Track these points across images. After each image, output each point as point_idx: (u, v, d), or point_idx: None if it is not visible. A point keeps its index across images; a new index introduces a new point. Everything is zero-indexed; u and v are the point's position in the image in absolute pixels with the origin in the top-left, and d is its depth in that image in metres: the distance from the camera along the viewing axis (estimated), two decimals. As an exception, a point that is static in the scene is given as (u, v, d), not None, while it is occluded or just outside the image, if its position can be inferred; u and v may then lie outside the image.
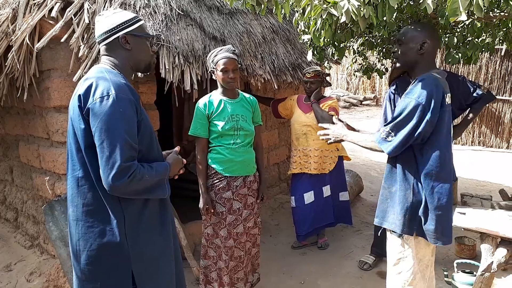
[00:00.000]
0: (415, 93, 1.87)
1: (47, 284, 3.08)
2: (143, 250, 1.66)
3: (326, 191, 3.72)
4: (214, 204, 2.66)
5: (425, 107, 1.83)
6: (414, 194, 1.93)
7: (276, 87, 3.69)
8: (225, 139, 2.62)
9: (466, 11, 1.64)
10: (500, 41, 3.06)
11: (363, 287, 3.15)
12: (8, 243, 3.81)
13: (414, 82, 1.94)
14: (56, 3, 2.70)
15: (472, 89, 3.19)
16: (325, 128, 2.21)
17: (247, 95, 2.80)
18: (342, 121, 2.26)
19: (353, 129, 2.24)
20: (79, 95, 1.56)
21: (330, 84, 3.81)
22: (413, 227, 1.94)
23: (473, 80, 8.34)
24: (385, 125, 1.94)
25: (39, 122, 3.19)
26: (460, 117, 3.61)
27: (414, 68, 2.03)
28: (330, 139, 2.17)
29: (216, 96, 2.67)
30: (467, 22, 2.48)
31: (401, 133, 1.87)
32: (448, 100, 1.92)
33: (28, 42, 2.67)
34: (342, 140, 2.15)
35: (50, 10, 2.68)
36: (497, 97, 8.27)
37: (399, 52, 2.04)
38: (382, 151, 1.95)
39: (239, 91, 2.78)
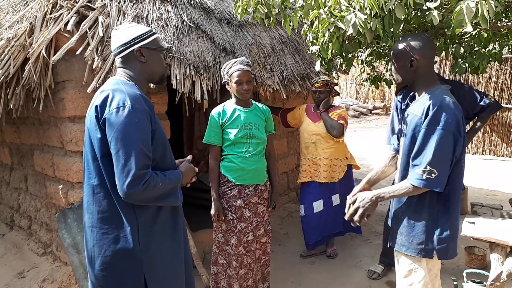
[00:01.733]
0: (440, 122, 1.76)
1: (60, 291, 3.13)
2: (156, 256, 1.70)
3: (335, 199, 3.73)
4: (225, 211, 2.70)
5: (455, 134, 1.76)
6: (432, 217, 1.88)
7: (285, 97, 3.74)
8: (238, 147, 2.67)
9: (472, 22, 1.67)
10: (509, 50, 3.06)
11: (373, 296, 3.15)
12: (22, 250, 3.88)
13: (429, 106, 1.79)
14: (71, 17, 2.80)
15: (479, 98, 3.20)
16: (352, 202, 2.04)
17: (260, 105, 2.85)
18: (367, 180, 2.14)
19: (368, 182, 2.14)
20: (96, 106, 1.61)
21: (338, 94, 3.84)
22: (433, 250, 1.88)
23: (482, 90, 8.31)
24: (415, 165, 1.82)
25: (53, 132, 3.28)
26: (468, 126, 3.61)
27: (413, 84, 1.96)
28: (365, 212, 1.97)
29: (229, 105, 2.74)
30: (473, 33, 2.51)
31: (441, 166, 1.77)
32: None
33: (45, 55, 2.76)
34: (376, 203, 1.95)
35: (66, 24, 2.77)
36: (508, 106, 8.22)
37: (393, 70, 1.99)
38: (434, 190, 1.81)
39: (252, 101, 2.83)
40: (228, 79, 2.67)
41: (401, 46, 1.90)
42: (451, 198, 1.88)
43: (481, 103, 3.17)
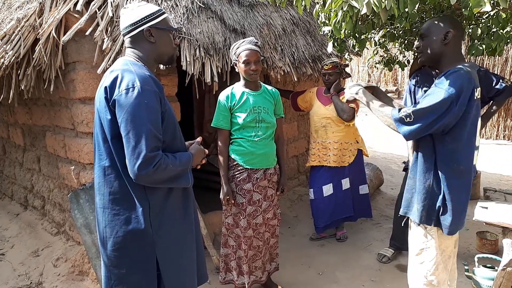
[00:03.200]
0: (446, 84, 1.81)
1: (73, 269, 3.19)
2: (167, 237, 1.71)
3: (345, 183, 3.72)
4: (234, 195, 2.70)
5: (453, 99, 1.78)
6: (433, 185, 1.92)
7: (295, 79, 3.70)
8: (247, 131, 2.65)
9: (491, 2, 1.61)
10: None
11: (381, 279, 3.15)
12: (36, 230, 3.96)
13: (446, 72, 1.87)
14: (81, -3, 2.77)
15: (495, 82, 3.13)
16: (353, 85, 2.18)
17: (269, 87, 2.81)
18: (374, 86, 2.22)
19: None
20: (105, 87, 1.60)
21: (349, 75, 3.79)
22: (432, 217, 1.94)
23: (498, 73, 8.13)
24: (409, 107, 1.88)
25: (64, 113, 3.29)
26: (483, 109, 3.54)
27: (440, 61, 1.96)
28: (353, 97, 2.13)
29: (238, 88, 2.70)
30: (491, 13, 2.42)
31: (421, 118, 1.81)
32: (477, 94, 1.87)
33: (55, 35, 2.75)
34: (358, 97, 2.11)
35: (75, 4, 2.75)
36: (524, 89, 8.03)
37: (423, 46, 1.99)
38: (397, 131, 1.91)
39: (261, 83, 2.79)
40: (236, 60, 2.63)
41: (434, 22, 1.93)
42: (448, 168, 1.89)
43: (497, 86, 3.10)
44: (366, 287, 3.06)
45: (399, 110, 1.91)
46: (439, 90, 1.82)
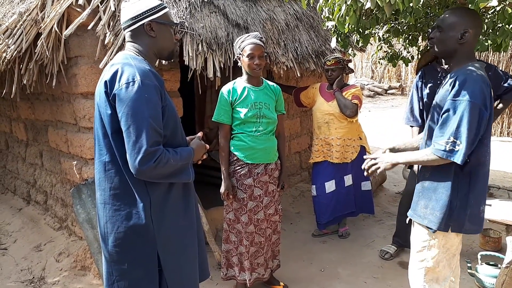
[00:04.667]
0: (466, 94, 1.73)
1: (75, 264, 3.20)
2: (168, 232, 1.71)
3: (348, 180, 3.70)
4: (235, 190, 2.69)
5: (480, 106, 1.73)
6: (455, 190, 1.86)
7: (298, 75, 3.67)
8: (248, 126, 2.63)
9: (497, -4, 1.58)
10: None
11: (384, 276, 3.14)
12: (38, 225, 3.97)
13: (456, 80, 1.79)
14: (83, -9, 2.75)
15: (503, 79, 3.09)
16: (372, 158, 2.08)
17: (271, 83, 2.79)
18: (389, 149, 2.16)
19: (394, 150, 2.15)
20: (105, 81, 1.59)
21: (352, 71, 3.76)
22: (449, 224, 1.88)
23: (504, 69, 8.06)
24: (439, 136, 1.81)
25: (67, 108, 3.29)
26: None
27: (452, 58, 1.90)
28: (379, 167, 2.01)
29: (240, 83, 2.68)
30: (497, 8, 2.39)
31: (465, 138, 1.74)
32: (492, 93, 1.83)
33: (57, 30, 2.74)
34: (395, 164, 2.01)
35: (78, -2, 2.74)
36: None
37: (437, 39, 1.92)
38: (452, 163, 1.81)
39: (263, 79, 2.78)
40: (240, 53, 2.61)
41: (454, 15, 1.85)
42: (474, 176, 1.85)
43: (505, 84, 3.07)
44: (368, 284, 3.05)
45: (437, 144, 1.82)
46: (460, 103, 1.74)
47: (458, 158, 1.77)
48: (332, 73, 3.52)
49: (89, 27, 2.73)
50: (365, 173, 2.08)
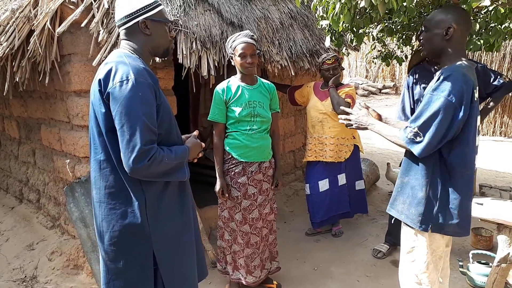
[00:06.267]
0: (444, 90, 1.74)
1: (68, 263, 3.18)
2: (164, 231, 1.70)
3: (341, 179, 3.71)
4: (229, 188, 2.69)
5: (456, 106, 1.73)
6: (433, 189, 1.87)
7: (293, 74, 3.68)
8: (242, 125, 2.63)
9: (490, -4, 1.59)
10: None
11: (377, 275, 3.16)
12: (31, 223, 3.94)
13: (441, 76, 1.80)
14: (76, -12, 2.73)
15: (493, 78, 3.12)
16: (348, 113, 2.11)
17: (265, 81, 2.79)
18: (368, 108, 2.16)
19: (380, 117, 2.15)
20: (100, 80, 1.58)
21: (343, 68, 3.78)
22: (429, 223, 1.89)
23: (496, 69, 8.13)
24: (411, 122, 1.83)
25: (60, 106, 3.26)
26: (480, 106, 3.54)
27: (441, 56, 1.91)
28: (352, 124, 2.07)
29: (234, 82, 2.68)
30: (490, 8, 2.41)
31: (430, 133, 1.76)
32: (476, 95, 1.83)
33: (50, 27, 2.71)
34: (366, 128, 2.04)
35: (71, -5, 2.72)
36: (521, 86, 8.04)
37: (424, 39, 1.94)
38: (431, 159, 1.84)
39: (257, 77, 2.77)
40: (232, 53, 2.61)
41: (439, 13, 1.87)
42: (454, 176, 1.85)
43: (495, 82, 3.09)
44: (361, 282, 3.07)
45: (405, 129, 1.86)
46: (436, 98, 1.76)
47: (416, 150, 1.82)
48: (333, 72, 3.53)
49: (83, 25, 2.71)
50: (340, 121, 2.15)
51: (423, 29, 1.96)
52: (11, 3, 3.20)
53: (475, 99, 1.81)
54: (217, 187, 2.67)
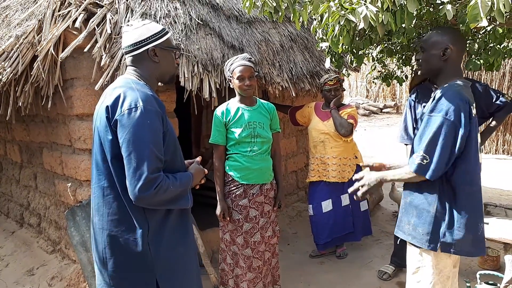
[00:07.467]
0: (441, 110, 1.75)
1: (68, 288, 3.13)
2: (166, 259, 1.68)
3: (345, 199, 3.68)
4: (230, 211, 2.66)
5: (455, 123, 1.73)
6: (439, 208, 1.85)
7: (294, 95, 3.70)
8: (242, 147, 2.63)
9: (487, 17, 1.61)
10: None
11: (383, 297, 3.09)
12: (31, 248, 3.90)
13: (435, 95, 1.81)
14: (80, 14, 2.79)
15: (495, 97, 3.12)
16: (359, 179, 2.08)
17: (265, 102, 2.81)
18: (370, 166, 2.15)
19: (383, 164, 2.14)
20: (107, 106, 1.56)
21: (344, 89, 3.81)
22: (437, 242, 1.86)
23: (496, 88, 8.17)
24: (415, 151, 1.83)
25: (62, 130, 3.28)
26: (483, 125, 3.54)
27: (438, 76, 1.94)
28: (367, 189, 2.02)
29: (233, 104, 2.69)
30: (488, 28, 2.44)
31: (437, 154, 1.75)
32: (474, 111, 1.84)
33: (53, 52, 2.75)
34: (381, 183, 2.00)
35: (74, 21, 2.76)
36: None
37: (422, 59, 1.97)
38: (426, 179, 1.82)
39: (257, 98, 2.79)
40: (230, 76, 2.64)
41: (435, 35, 1.91)
42: (459, 194, 1.83)
43: (497, 102, 3.09)
44: (367, 305, 3.00)
45: (411, 159, 1.84)
46: (436, 118, 1.77)
47: (426, 173, 1.79)
48: (335, 93, 3.55)
49: (86, 49, 2.75)
50: (355, 197, 2.08)
51: (420, 50, 1.99)
52: (15, 29, 3.26)
53: (473, 115, 1.82)
54: (218, 210, 2.65)
